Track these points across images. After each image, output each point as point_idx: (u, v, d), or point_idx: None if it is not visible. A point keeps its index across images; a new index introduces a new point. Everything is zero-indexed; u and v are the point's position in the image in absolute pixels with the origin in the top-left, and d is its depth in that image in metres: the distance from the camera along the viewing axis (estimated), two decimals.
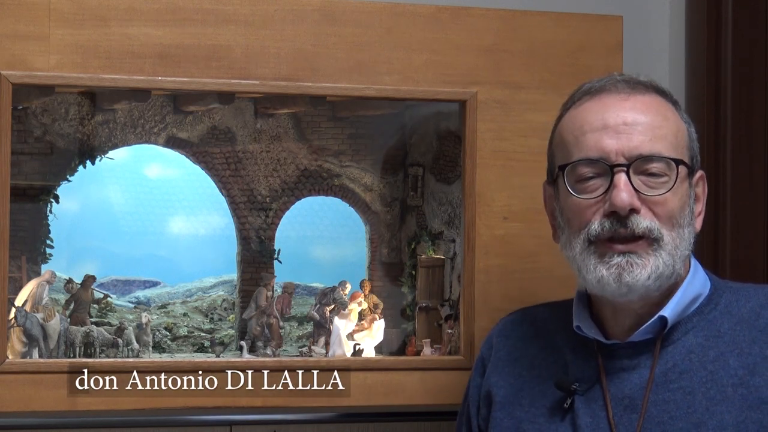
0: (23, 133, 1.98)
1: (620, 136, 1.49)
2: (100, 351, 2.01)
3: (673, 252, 1.48)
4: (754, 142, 2.17)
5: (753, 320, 1.51)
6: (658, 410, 1.47)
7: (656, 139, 1.49)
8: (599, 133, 1.50)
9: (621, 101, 1.51)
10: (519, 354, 1.66)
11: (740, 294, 1.55)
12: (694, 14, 2.23)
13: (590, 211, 1.50)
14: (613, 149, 1.48)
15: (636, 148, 1.48)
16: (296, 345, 2.16)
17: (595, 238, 1.49)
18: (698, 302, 1.54)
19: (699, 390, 1.47)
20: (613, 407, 1.50)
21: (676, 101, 1.57)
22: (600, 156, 1.49)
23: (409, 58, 1.93)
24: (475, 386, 1.71)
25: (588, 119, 1.52)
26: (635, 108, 1.50)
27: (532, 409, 1.58)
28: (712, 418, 1.44)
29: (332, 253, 2.21)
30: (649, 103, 1.52)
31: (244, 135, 2.13)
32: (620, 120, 1.49)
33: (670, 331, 1.52)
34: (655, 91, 1.55)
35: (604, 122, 1.50)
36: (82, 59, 1.82)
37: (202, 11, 1.87)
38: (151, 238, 2.12)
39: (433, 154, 2.16)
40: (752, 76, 2.18)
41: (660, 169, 1.48)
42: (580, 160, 1.51)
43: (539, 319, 1.69)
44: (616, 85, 1.54)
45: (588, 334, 1.56)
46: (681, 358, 1.50)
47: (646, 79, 1.56)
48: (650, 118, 1.50)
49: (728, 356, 1.48)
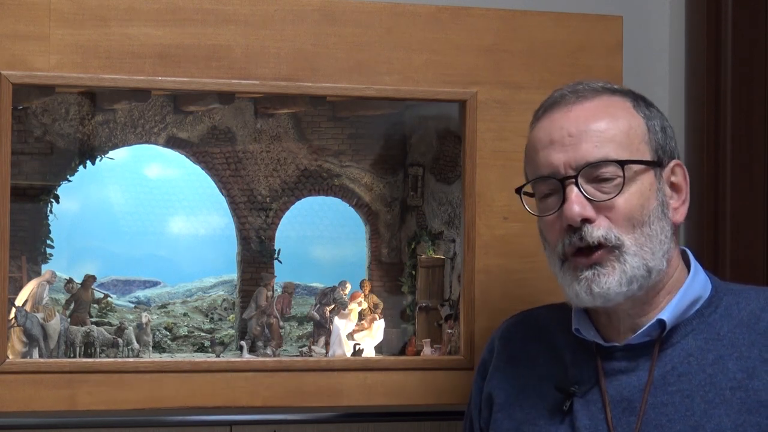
0: (23, 133, 1.98)
1: (566, 148, 1.50)
2: (100, 351, 2.01)
3: (639, 252, 1.47)
4: (754, 142, 2.17)
5: (753, 323, 1.51)
6: (657, 413, 1.47)
7: (603, 143, 1.49)
8: (547, 150, 1.51)
9: (565, 114, 1.52)
10: (519, 356, 1.66)
11: (741, 296, 1.55)
12: (694, 14, 2.23)
13: (554, 227, 1.52)
14: (561, 162, 1.49)
15: (582, 157, 1.48)
16: (296, 345, 2.16)
17: (563, 256, 1.51)
18: (698, 305, 1.54)
19: (697, 393, 1.46)
20: (612, 409, 1.50)
21: (636, 96, 1.56)
22: (550, 171, 1.51)
23: (409, 58, 1.93)
24: (477, 389, 1.71)
25: (539, 138, 1.54)
26: (579, 117, 1.51)
27: (531, 410, 1.58)
28: (711, 421, 1.44)
29: (332, 253, 2.21)
30: (594, 108, 1.52)
31: (244, 135, 2.13)
32: (565, 132, 1.50)
33: (669, 333, 1.52)
34: (604, 92, 1.54)
35: (551, 138, 1.52)
36: (82, 59, 1.82)
37: (202, 11, 1.87)
38: (151, 238, 2.12)
39: (433, 154, 2.16)
40: (752, 76, 2.18)
41: (611, 173, 1.48)
42: (535, 179, 1.54)
43: (540, 321, 1.69)
44: (564, 97, 1.55)
45: (587, 336, 1.56)
46: (680, 361, 1.50)
47: (596, 83, 1.57)
48: (595, 124, 1.50)
49: (727, 359, 1.48)
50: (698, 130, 2.21)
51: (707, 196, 2.16)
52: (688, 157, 2.21)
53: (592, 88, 1.55)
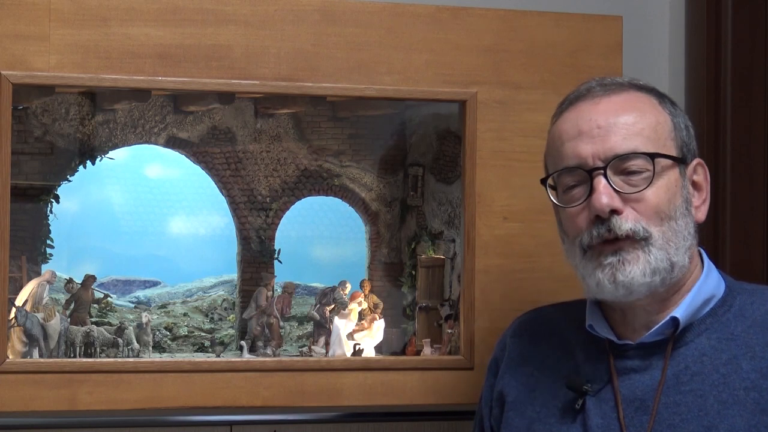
0: (23, 133, 1.98)
1: (594, 139, 1.49)
2: (100, 351, 2.01)
3: (665, 246, 1.47)
4: (754, 141, 2.17)
5: (767, 323, 1.50)
6: (669, 412, 1.46)
7: (631, 137, 1.49)
8: (575, 141, 1.51)
9: (594, 105, 1.52)
10: (531, 354, 1.66)
11: (755, 296, 1.54)
12: (694, 14, 2.23)
13: (580, 218, 1.51)
14: (590, 154, 1.49)
15: (611, 149, 1.48)
16: (296, 345, 2.16)
17: (588, 247, 1.50)
18: (711, 304, 1.53)
19: (711, 393, 1.46)
20: (624, 408, 1.49)
21: (660, 94, 1.56)
22: (578, 163, 1.50)
23: (409, 58, 1.93)
24: (488, 387, 1.71)
25: (565, 129, 1.53)
26: (608, 110, 1.51)
27: (543, 409, 1.58)
28: (724, 422, 1.43)
29: (332, 253, 2.21)
30: (623, 102, 1.52)
31: (244, 135, 2.13)
32: (593, 124, 1.50)
33: (682, 332, 1.51)
34: (631, 88, 1.55)
35: (579, 129, 1.51)
36: (82, 59, 1.82)
37: (202, 11, 1.87)
38: (151, 238, 2.12)
39: (433, 154, 2.17)
40: (752, 76, 2.18)
41: (640, 166, 1.48)
42: (561, 170, 1.53)
43: (552, 319, 1.68)
44: (591, 90, 1.55)
45: (600, 333, 1.56)
46: (693, 360, 1.49)
47: (623, 79, 1.57)
48: (624, 117, 1.50)
49: (741, 359, 1.47)
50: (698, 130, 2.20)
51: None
52: None
53: (618, 83, 1.56)
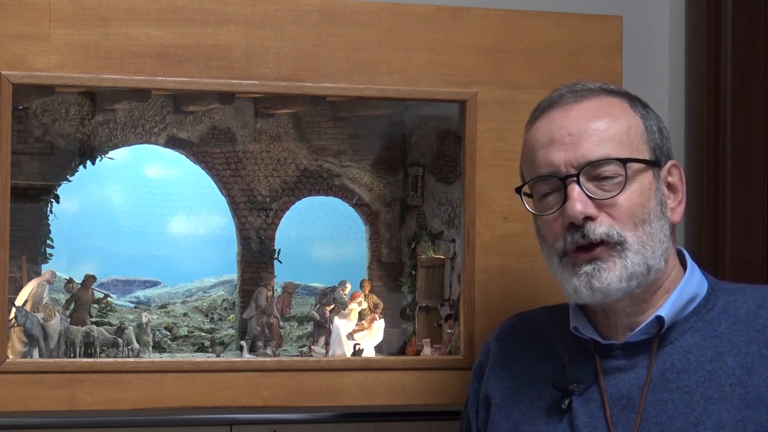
0: (23, 133, 1.98)
1: (567, 147, 1.50)
2: (100, 351, 2.01)
3: (641, 250, 1.48)
4: (754, 142, 2.17)
5: (750, 320, 1.51)
6: (656, 410, 1.48)
7: (603, 143, 1.49)
8: (547, 149, 1.52)
9: (565, 113, 1.53)
10: (516, 356, 1.66)
11: (737, 294, 1.56)
12: (694, 14, 2.23)
13: (555, 225, 1.52)
14: (562, 161, 1.50)
15: (583, 156, 1.49)
16: (296, 345, 2.16)
17: (563, 253, 1.51)
18: (695, 303, 1.54)
19: (697, 389, 1.47)
20: (611, 407, 1.51)
21: (632, 97, 1.57)
22: (551, 171, 1.51)
23: (409, 58, 1.93)
24: (473, 391, 1.72)
25: (537, 137, 1.54)
26: (579, 116, 1.52)
27: (529, 411, 1.58)
28: (710, 418, 1.45)
29: (332, 253, 2.21)
30: (594, 108, 1.53)
31: (244, 135, 2.13)
32: (565, 132, 1.51)
33: (667, 331, 1.52)
34: (602, 93, 1.55)
35: (551, 137, 1.52)
36: (82, 59, 1.82)
37: (202, 11, 1.87)
38: (151, 238, 2.12)
39: (433, 154, 2.17)
40: (752, 76, 2.18)
41: (612, 171, 1.49)
42: (535, 179, 1.54)
43: (536, 322, 1.69)
44: (562, 97, 1.55)
45: (585, 334, 1.57)
46: (678, 358, 1.50)
47: (594, 84, 1.58)
48: (595, 123, 1.51)
49: (726, 356, 1.49)
50: (698, 130, 2.21)
51: (707, 196, 2.16)
52: (688, 157, 2.21)
53: (589, 88, 1.56)
